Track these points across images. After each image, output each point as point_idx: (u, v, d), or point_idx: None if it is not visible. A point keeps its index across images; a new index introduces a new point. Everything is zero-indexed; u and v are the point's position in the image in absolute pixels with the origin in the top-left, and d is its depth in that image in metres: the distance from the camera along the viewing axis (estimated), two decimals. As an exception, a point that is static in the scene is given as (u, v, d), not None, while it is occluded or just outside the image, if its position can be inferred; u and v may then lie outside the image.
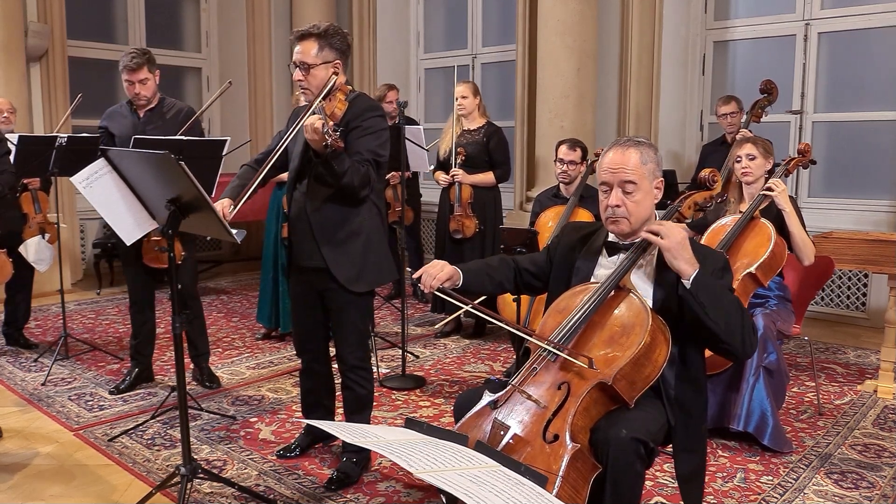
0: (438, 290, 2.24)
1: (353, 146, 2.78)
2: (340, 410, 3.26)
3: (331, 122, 2.62)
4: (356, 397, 3.05)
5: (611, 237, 2.27)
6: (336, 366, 3.11)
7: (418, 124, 5.56)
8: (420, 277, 2.24)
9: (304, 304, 3.07)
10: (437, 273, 2.23)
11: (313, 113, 2.68)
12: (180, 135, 3.78)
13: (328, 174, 2.70)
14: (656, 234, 2.08)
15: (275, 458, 3.24)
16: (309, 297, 3.02)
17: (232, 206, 2.82)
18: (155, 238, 3.73)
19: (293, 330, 3.29)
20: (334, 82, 2.80)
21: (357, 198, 2.84)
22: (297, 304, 3.12)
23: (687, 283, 2.04)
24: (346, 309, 2.94)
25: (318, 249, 2.86)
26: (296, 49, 2.81)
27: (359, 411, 3.07)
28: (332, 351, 3.14)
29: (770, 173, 3.64)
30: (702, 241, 3.49)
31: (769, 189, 3.47)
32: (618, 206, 2.16)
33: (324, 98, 2.77)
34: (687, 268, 2.05)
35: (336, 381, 3.24)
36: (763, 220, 3.47)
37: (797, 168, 3.78)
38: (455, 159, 4.93)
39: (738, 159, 3.63)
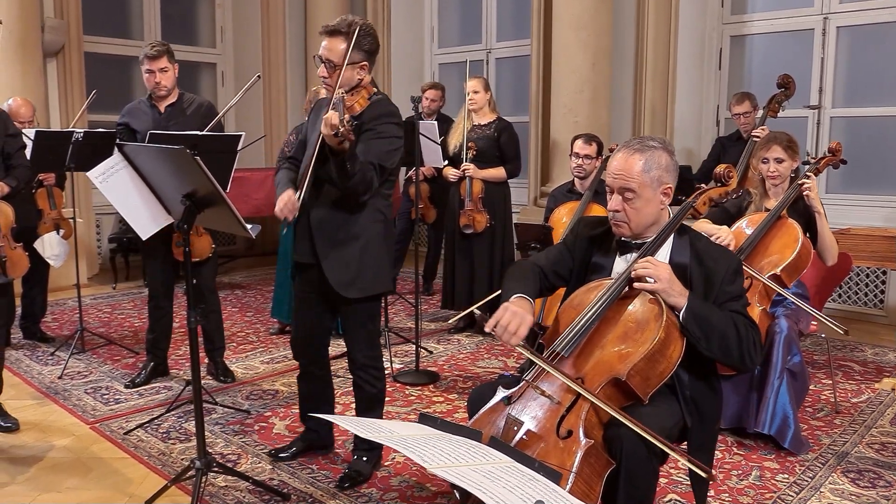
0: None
1: (362, 147, 2.71)
2: (348, 413, 3.26)
3: (347, 115, 2.57)
4: (367, 396, 3.03)
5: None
6: (335, 370, 3.13)
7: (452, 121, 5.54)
8: (494, 329, 2.06)
9: (307, 305, 3.01)
10: (515, 328, 2.03)
11: (334, 104, 2.62)
12: (206, 131, 3.78)
13: (339, 173, 2.62)
14: (646, 280, 2.08)
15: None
16: (312, 296, 2.97)
17: (297, 193, 2.75)
18: None
19: (293, 332, 3.21)
20: (360, 81, 2.79)
21: (357, 202, 2.77)
22: (300, 305, 3.05)
23: (680, 316, 2.06)
24: (351, 309, 2.91)
25: (314, 247, 2.81)
26: (323, 43, 2.75)
27: (369, 409, 3.04)
28: (330, 353, 3.13)
29: (796, 171, 3.55)
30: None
31: (808, 190, 3.37)
32: (617, 210, 2.18)
33: (347, 92, 2.76)
34: (679, 300, 2.07)
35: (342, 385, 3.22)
36: (790, 220, 3.38)
37: (827, 167, 3.67)
38: (466, 154, 4.92)
39: (765, 161, 3.49)
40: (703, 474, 1.93)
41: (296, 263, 2.98)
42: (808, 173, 3.45)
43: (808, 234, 3.44)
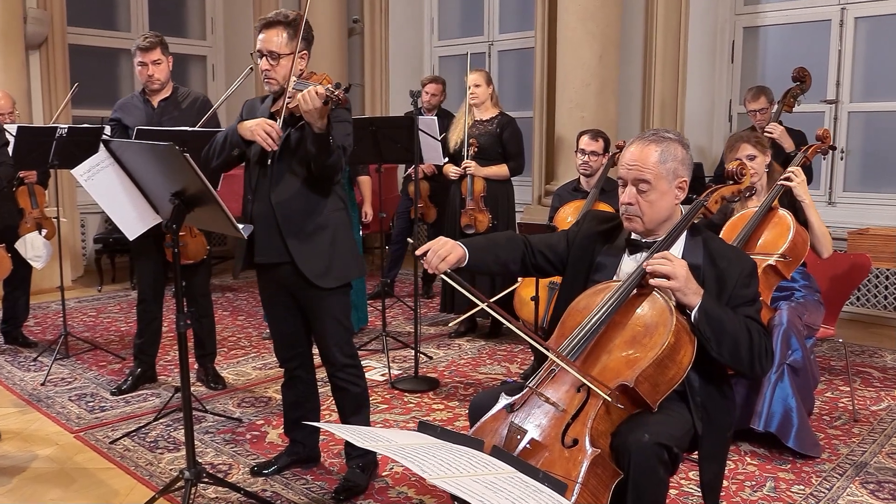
0: (445, 273, 2.11)
1: None
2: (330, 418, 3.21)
3: (328, 85, 2.55)
4: (351, 397, 2.94)
5: (633, 235, 2.22)
6: (321, 371, 3.02)
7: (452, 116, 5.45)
8: (425, 254, 2.10)
9: (279, 307, 2.93)
10: (445, 254, 2.09)
11: (296, 87, 2.61)
12: (199, 126, 3.74)
13: (320, 151, 2.59)
14: (665, 277, 2.02)
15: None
16: (281, 297, 2.89)
17: (278, 121, 2.68)
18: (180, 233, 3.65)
19: (272, 338, 3.14)
20: (302, 72, 2.78)
21: (331, 183, 2.78)
22: (271, 309, 2.99)
23: (692, 316, 2.03)
24: (324, 305, 2.82)
25: (284, 243, 2.75)
26: (260, 37, 2.76)
27: (356, 412, 2.96)
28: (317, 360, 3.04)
29: (786, 163, 3.51)
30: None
31: (787, 179, 3.36)
32: (630, 203, 2.15)
33: (300, 79, 2.74)
34: (693, 299, 2.03)
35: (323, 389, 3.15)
36: (782, 210, 3.39)
37: (816, 155, 3.64)
38: (467, 151, 4.85)
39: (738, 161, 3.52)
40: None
41: (256, 266, 2.87)
42: (791, 167, 3.42)
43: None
